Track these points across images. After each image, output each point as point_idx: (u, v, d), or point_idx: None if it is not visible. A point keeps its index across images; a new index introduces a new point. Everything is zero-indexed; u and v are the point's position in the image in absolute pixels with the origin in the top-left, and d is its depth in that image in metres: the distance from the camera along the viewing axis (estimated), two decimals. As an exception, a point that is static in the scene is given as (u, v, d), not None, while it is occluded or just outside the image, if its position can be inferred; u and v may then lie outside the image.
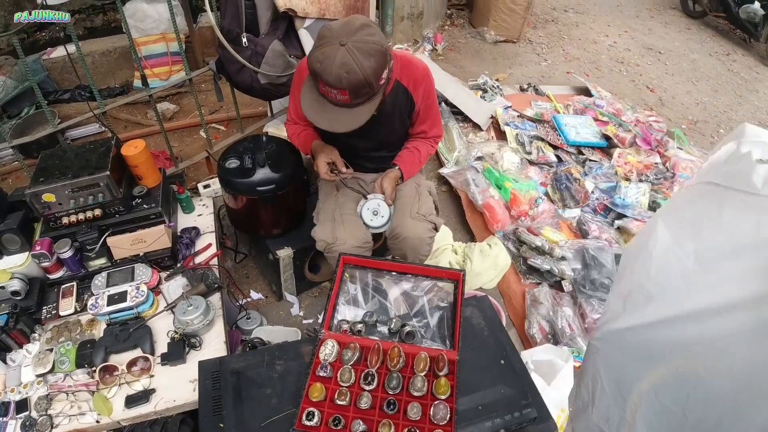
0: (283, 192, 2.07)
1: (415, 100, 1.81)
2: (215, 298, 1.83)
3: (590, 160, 3.27)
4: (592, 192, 2.97)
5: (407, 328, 1.50)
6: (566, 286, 2.44)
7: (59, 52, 4.12)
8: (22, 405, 1.59)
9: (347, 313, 1.57)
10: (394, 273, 1.65)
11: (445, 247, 2.43)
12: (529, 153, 3.12)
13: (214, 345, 1.71)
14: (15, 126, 3.34)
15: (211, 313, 1.72)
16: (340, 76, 1.44)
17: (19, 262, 1.84)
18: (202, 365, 1.45)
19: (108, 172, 1.78)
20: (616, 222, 2.74)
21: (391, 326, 1.52)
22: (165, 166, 2.61)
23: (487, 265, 2.39)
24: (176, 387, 1.61)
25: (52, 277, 1.90)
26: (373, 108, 1.58)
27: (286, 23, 2.31)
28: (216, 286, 1.82)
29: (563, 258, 2.48)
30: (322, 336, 1.47)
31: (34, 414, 1.57)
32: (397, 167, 1.90)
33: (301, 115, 1.91)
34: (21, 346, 1.75)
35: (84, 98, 3.87)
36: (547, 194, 2.90)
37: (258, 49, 2.26)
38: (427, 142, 1.95)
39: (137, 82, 4.02)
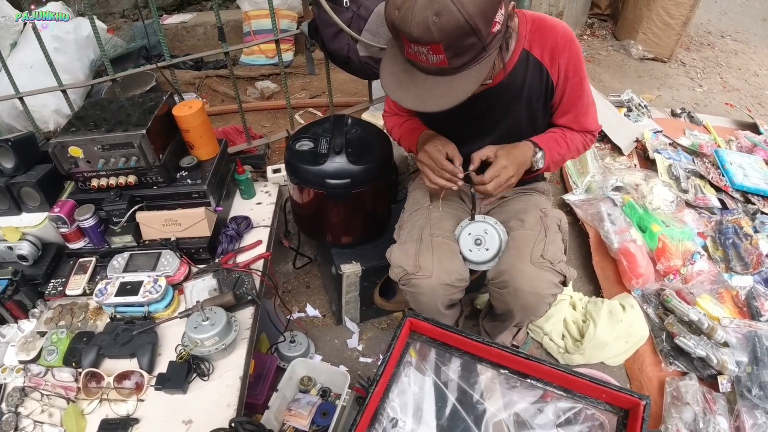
0: (361, 190, 1.60)
1: (552, 77, 1.26)
2: (246, 314, 1.38)
3: (762, 213, 2.49)
4: (767, 255, 2.20)
5: None
6: (723, 384, 1.72)
7: (173, 19, 4.12)
8: (-5, 392, 1.28)
9: (400, 427, 0.93)
10: (505, 371, 0.98)
11: (562, 299, 1.81)
12: (686, 191, 2.40)
13: (226, 378, 1.25)
14: (112, 84, 3.25)
15: (232, 335, 1.27)
16: (426, 21, 0.95)
17: (34, 222, 1.53)
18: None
19: (144, 132, 1.42)
20: (801, 304, 1.96)
21: None
22: (236, 143, 2.26)
23: (617, 334, 1.74)
24: (164, 425, 1.19)
25: (71, 246, 1.58)
26: (483, 72, 1.04)
27: (400, -17, 1.85)
28: (249, 299, 1.37)
29: (725, 344, 1.77)
30: None
31: (3, 407, 1.27)
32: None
33: (404, 108, 1.44)
34: (16, 321, 1.45)
35: (187, 66, 3.79)
36: (706, 248, 2.17)
37: (361, 11, 1.82)
38: (578, 133, 1.37)
39: (244, 57, 3.89)
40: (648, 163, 2.64)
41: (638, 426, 0.84)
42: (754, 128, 3.27)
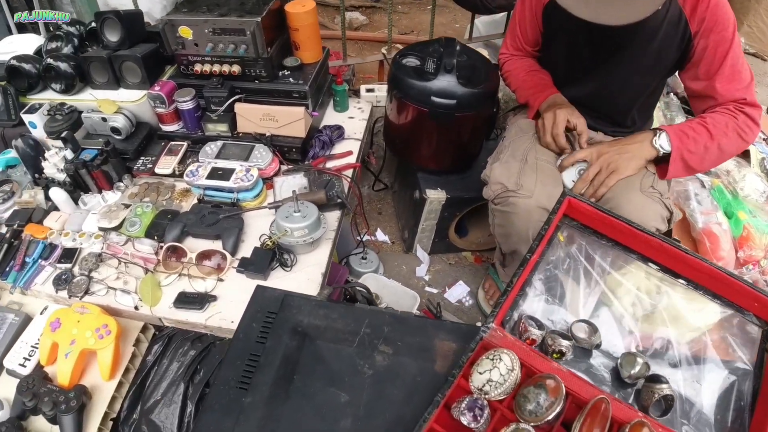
0: (464, 115, 1.54)
1: (691, 26, 1.16)
2: (333, 216, 1.38)
3: None
4: None
5: (664, 389, 0.77)
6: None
7: None
8: (69, 255, 1.31)
9: (540, 312, 0.88)
10: (655, 266, 0.90)
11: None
12: (776, 187, 2.27)
13: (307, 272, 1.25)
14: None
15: (320, 231, 1.27)
16: None
17: (132, 98, 1.54)
18: (258, 295, 0.97)
19: (258, 20, 1.39)
20: None
21: (632, 371, 0.82)
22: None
23: (692, 309, 1.67)
24: (240, 306, 1.17)
25: (164, 128, 1.59)
26: None
27: None
28: (339, 201, 1.36)
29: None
30: (487, 332, 0.79)
31: (76, 270, 1.29)
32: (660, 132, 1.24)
33: (529, 38, 1.41)
34: (100, 191, 1.47)
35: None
36: (791, 249, 2.06)
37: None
38: (726, 112, 1.22)
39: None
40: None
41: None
42: None
